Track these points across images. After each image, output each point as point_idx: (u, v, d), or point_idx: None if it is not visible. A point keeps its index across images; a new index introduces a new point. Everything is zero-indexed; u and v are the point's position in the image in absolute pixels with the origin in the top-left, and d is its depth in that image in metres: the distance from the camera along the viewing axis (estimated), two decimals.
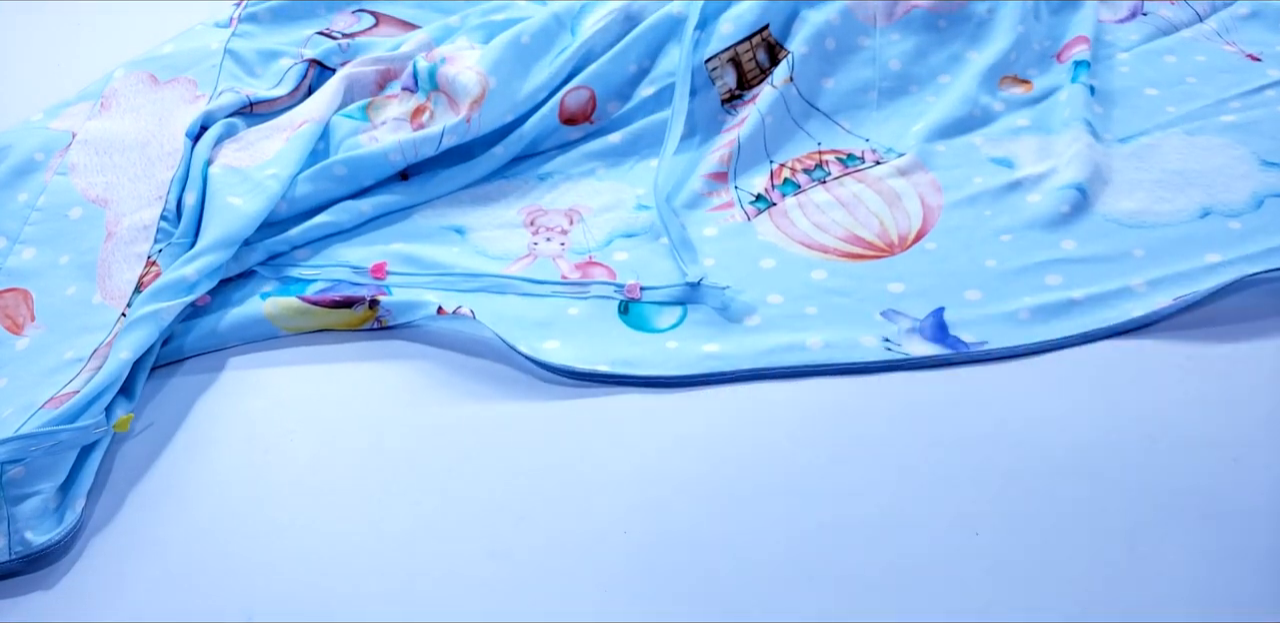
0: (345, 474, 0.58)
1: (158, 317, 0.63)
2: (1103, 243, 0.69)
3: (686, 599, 0.51)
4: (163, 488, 0.58)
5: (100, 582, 0.53)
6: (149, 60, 0.85)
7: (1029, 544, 0.52)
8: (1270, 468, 0.55)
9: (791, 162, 0.79)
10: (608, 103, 0.83)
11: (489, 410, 0.61)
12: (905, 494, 0.55)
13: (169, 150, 0.75)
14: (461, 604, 0.51)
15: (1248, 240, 0.69)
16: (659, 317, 0.67)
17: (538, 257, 0.72)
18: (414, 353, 0.66)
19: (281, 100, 0.83)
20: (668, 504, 0.55)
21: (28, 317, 0.66)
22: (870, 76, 0.85)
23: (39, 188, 0.73)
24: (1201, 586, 0.50)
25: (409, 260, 0.71)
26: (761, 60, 0.84)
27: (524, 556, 0.53)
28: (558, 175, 0.79)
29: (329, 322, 0.67)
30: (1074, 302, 0.65)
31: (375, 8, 0.95)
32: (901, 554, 0.52)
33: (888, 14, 0.87)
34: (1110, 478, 0.55)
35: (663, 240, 0.72)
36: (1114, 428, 0.58)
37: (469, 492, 0.57)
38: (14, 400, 0.60)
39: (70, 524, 0.54)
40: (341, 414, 0.62)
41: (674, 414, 0.60)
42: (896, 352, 0.63)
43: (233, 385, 0.64)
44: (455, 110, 0.78)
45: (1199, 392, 0.60)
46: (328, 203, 0.75)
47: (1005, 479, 0.55)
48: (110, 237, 0.70)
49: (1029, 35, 0.86)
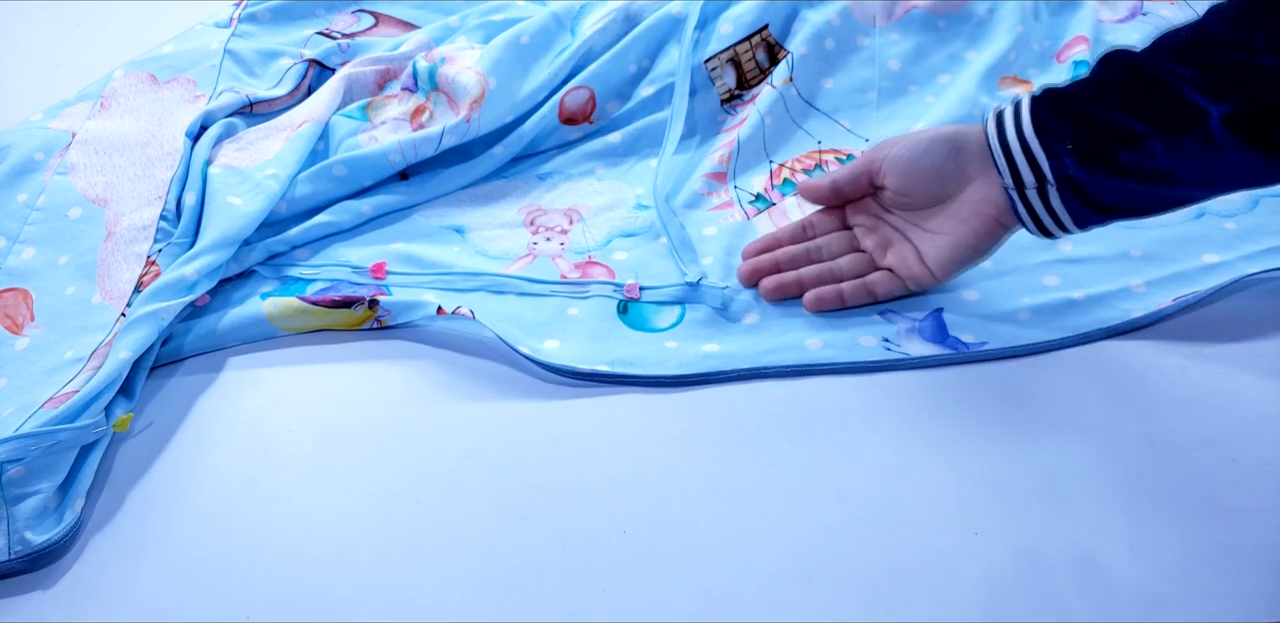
0: (345, 474, 0.58)
1: (157, 316, 0.63)
2: (1100, 244, 0.69)
3: (686, 599, 0.51)
4: (162, 488, 0.58)
5: (100, 582, 0.53)
6: (149, 60, 0.85)
7: (1028, 544, 0.52)
8: (1270, 468, 0.55)
9: (791, 161, 0.79)
10: (607, 103, 0.83)
11: (489, 410, 0.61)
12: (905, 494, 0.55)
13: (169, 150, 0.75)
14: (461, 604, 0.51)
15: (1245, 240, 0.69)
16: (658, 316, 0.67)
17: (537, 256, 0.72)
18: (414, 353, 0.66)
19: (281, 100, 0.83)
20: (667, 504, 0.55)
21: (27, 316, 0.66)
22: (870, 76, 0.85)
23: (39, 188, 0.73)
24: (1201, 585, 0.50)
25: (409, 260, 0.71)
26: (761, 60, 0.84)
27: (524, 555, 0.53)
28: (557, 175, 0.79)
29: (329, 322, 0.67)
30: (1073, 302, 0.65)
31: (375, 8, 0.95)
32: (901, 554, 0.52)
33: (887, 14, 0.87)
34: (1109, 478, 0.55)
35: (662, 240, 0.72)
36: (1114, 428, 0.58)
37: (469, 492, 0.57)
38: (13, 400, 0.60)
39: (70, 524, 0.54)
40: (341, 414, 0.62)
41: (674, 414, 0.60)
42: (896, 351, 0.63)
43: (232, 385, 0.64)
44: (455, 110, 0.78)
45: (1199, 392, 0.60)
46: (327, 203, 0.75)
47: (1005, 479, 0.56)
48: (110, 236, 0.70)
49: (1028, 35, 0.86)
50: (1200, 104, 0.52)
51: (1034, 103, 0.58)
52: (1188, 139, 0.53)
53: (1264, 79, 0.51)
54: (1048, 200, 0.57)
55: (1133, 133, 0.54)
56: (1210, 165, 0.54)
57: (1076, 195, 0.57)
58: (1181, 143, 0.53)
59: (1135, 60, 0.55)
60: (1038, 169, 0.57)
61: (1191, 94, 0.53)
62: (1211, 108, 0.52)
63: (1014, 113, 0.59)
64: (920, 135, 0.62)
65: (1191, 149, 0.53)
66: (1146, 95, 0.54)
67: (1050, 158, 0.56)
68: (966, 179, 0.61)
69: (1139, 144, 0.54)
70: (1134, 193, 0.56)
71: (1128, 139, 0.54)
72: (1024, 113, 0.58)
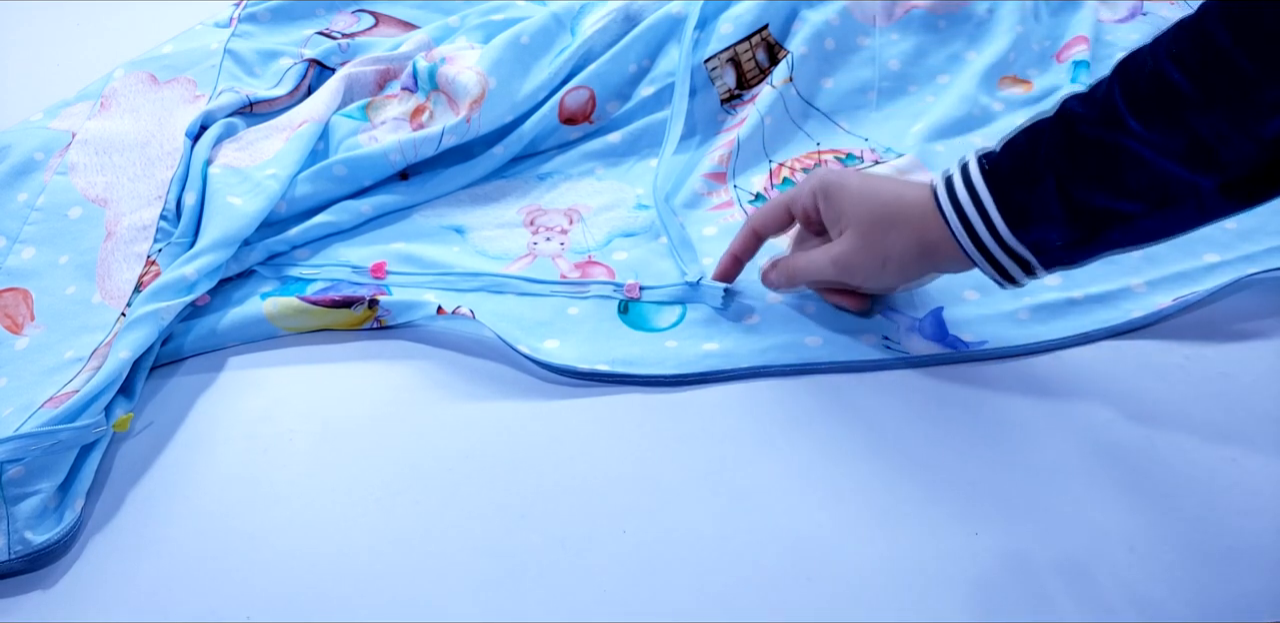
0: (345, 474, 0.58)
1: (157, 316, 0.63)
2: None
3: (686, 599, 0.51)
4: (162, 488, 0.58)
5: (100, 582, 0.53)
6: (149, 60, 0.85)
7: (1028, 544, 0.52)
8: (1270, 468, 0.55)
9: (791, 161, 0.79)
10: (607, 103, 0.83)
11: (489, 410, 0.61)
12: (904, 494, 0.55)
13: (169, 150, 0.75)
14: (461, 604, 0.51)
15: (1245, 240, 0.69)
16: (658, 316, 0.67)
17: (537, 256, 0.72)
18: (414, 353, 0.66)
19: (281, 100, 0.83)
20: (667, 504, 0.55)
21: (27, 316, 0.66)
22: (869, 76, 0.85)
23: (39, 188, 0.73)
24: (1200, 585, 0.50)
25: (409, 260, 0.71)
26: (761, 60, 0.84)
27: (524, 555, 0.53)
28: (557, 175, 0.79)
29: (329, 321, 0.67)
30: (1073, 302, 0.65)
31: (375, 8, 0.95)
32: (901, 554, 0.52)
33: (887, 14, 0.87)
34: (1109, 478, 0.55)
35: (662, 240, 0.72)
36: (1113, 428, 0.58)
37: (469, 492, 0.57)
38: (13, 400, 0.60)
39: (70, 524, 0.54)
40: (341, 414, 0.62)
41: (674, 414, 0.60)
42: (896, 350, 0.63)
43: (233, 385, 0.64)
44: (455, 110, 0.78)
45: (1199, 392, 0.60)
46: (327, 203, 0.75)
47: (1005, 479, 0.56)
48: (110, 236, 0.70)
49: (1028, 35, 0.87)
50: (1192, 178, 0.49)
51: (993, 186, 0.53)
52: (1181, 210, 0.50)
53: (1251, 144, 0.47)
54: (1033, 274, 0.56)
55: (1122, 214, 0.51)
56: (1198, 222, 0.51)
57: (1060, 265, 0.55)
58: (1175, 214, 0.50)
59: (1103, 134, 0.50)
60: (1023, 262, 0.54)
61: (1180, 169, 0.49)
62: (1203, 181, 0.49)
63: (972, 201, 0.54)
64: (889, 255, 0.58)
65: (1182, 216, 0.51)
66: (1130, 174, 0.50)
67: (1038, 254, 0.54)
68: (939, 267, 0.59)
69: (1130, 223, 0.51)
70: (1115, 253, 0.54)
71: (1116, 220, 0.51)
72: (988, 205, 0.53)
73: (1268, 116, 0.46)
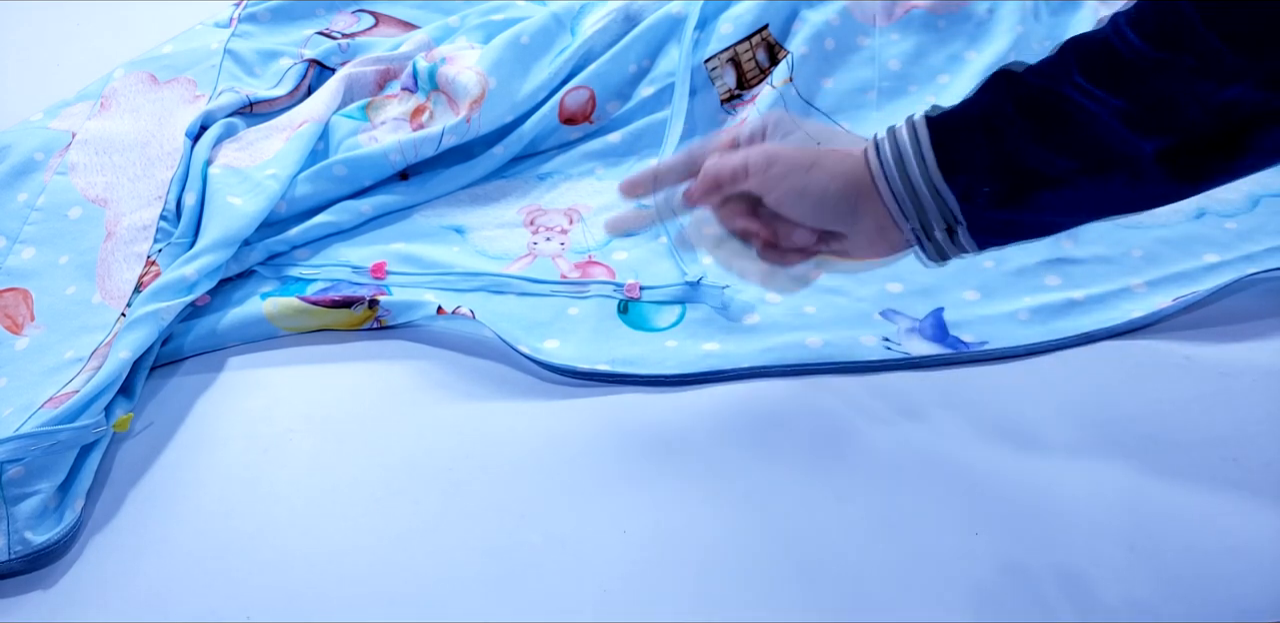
0: (345, 474, 0.58)
1: (157, 316, 0.63)
2: (1101, 244, 0.69)
3: (686, 599, 0.51)
4: (162, 488, 0.58)
5: (100, 582, 0.53)
6: (149, 60, 0.85)
7: (1029, 544, 0.52)
8: (1270, 468, 0.55)
9: None
10: (607, 103, 0.83)
11: (489, 410, 0.61)
12: (904, 494, 0.55)
13: (169, 150, 0.75)
14: (461, 604, 0.51)
15: (1245, 240, 0.69)
16: (658, 316, 0.67)
17: (537, 256, 0.72)
18: (414, 353, 0.66)
19: (281, 100, 0.83)
20: (667, 504, 0.55)
21: (27, 316, 0.66)
22: (870, 76, 0.85)
23: (39, 188, 0.73)
24: (1201, 586, 0.50)
25: (409, 260, 0.71)
26: (761, 60, 0.84)
27: (523, 555, 0.53)
28: (557, 175, 0.79)
29: (329, 321, 0.67)
30: (1074, 302, 0.65)
31: (375, 8, 0.95)
32: (901, 554, 0.52)
33: (887, 14, 0.87)
34: (1109, 478, 0.55)
35: (662, 240, 0.72)
36: (1114, 428, 0.58)
37: (469, 491, 0.57)
38: (13, 400, 0.60)
39: (70, 524, 0.54)
40: (341, 414, 0.62)
41: (674, 414, 0.60)
42: (896, 351, 0.63)
43: (232, 385, 0.64)
44: (455, 110, 0.78)
45: (1199, 392, 0.60)
46: (327, 203, 0.75)
47: (1005, 479, 0.56)
48: (110, 236, 0.70)
49: (1028, 35, 0.86)
50: (1131, 139, 0.47)
51: (934, 131, 0.51)
52: (1116, 176, 0.48)
53: (1198, 108, 0.46)
54: (954, 238, 0.52)
55: (1056, 172, 0.49)
56: (1132, 197, 0.50)
57: (986, 231, 0.52)
58: (1108, 180, 0.49)
59: (1049, 85, 0.48)
60: (948, 212, 0.51)
61: (1120, 128, 0.47)
62: (1144, 143, 0.47)
63: (913, 143, 0.51)
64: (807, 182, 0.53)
65: (1118, 184, 0.49)
66: (1069, 128, 0.48)
67: (963, 201, 0.50)
68: (860, 217, 0.53)
69: (1063, 184, 0.49)
70: (1045, 224, 0.52)
71: (1050, 179, 0.49)
72: (925, 147, 0.51)
73: (1224, 84, 0.46)
